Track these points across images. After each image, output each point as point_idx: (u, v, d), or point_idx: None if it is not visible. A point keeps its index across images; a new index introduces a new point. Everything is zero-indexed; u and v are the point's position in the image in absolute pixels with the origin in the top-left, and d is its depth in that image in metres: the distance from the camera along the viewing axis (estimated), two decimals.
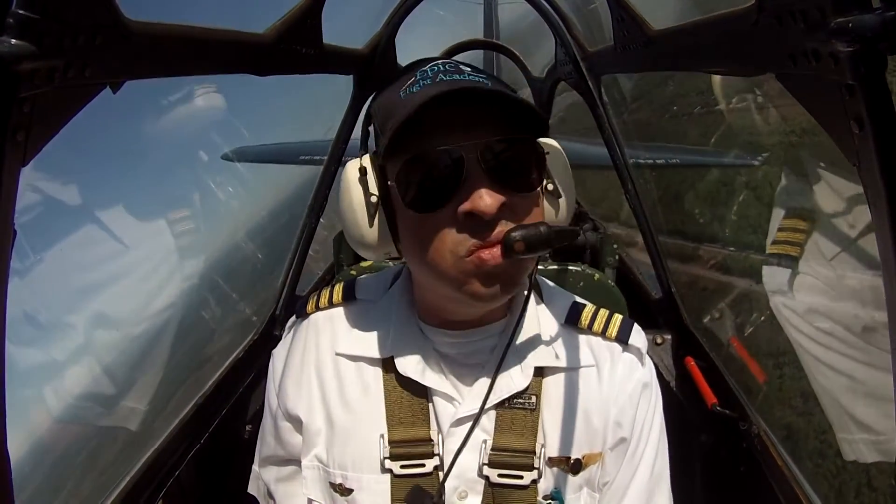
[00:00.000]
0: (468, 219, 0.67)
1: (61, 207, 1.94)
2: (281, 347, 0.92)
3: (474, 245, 0.67)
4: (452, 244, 0.68)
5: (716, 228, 3.56)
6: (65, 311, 1.99)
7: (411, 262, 0.78)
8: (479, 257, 0.67)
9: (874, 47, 0.49)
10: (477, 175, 0.67)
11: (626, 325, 0.85)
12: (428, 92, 0.68)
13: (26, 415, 1.90)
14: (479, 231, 0.67)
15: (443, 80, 0.70)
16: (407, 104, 0.68)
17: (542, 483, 0.78)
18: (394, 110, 0.70)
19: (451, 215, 0.68)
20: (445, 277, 0.70)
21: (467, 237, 0.67)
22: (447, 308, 0.79)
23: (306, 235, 1.67)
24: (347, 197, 0.76)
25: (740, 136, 3.55)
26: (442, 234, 0.68)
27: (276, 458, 0.92)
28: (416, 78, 0.71)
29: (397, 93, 0.72)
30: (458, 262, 0.68)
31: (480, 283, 0.69)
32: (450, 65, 0.73)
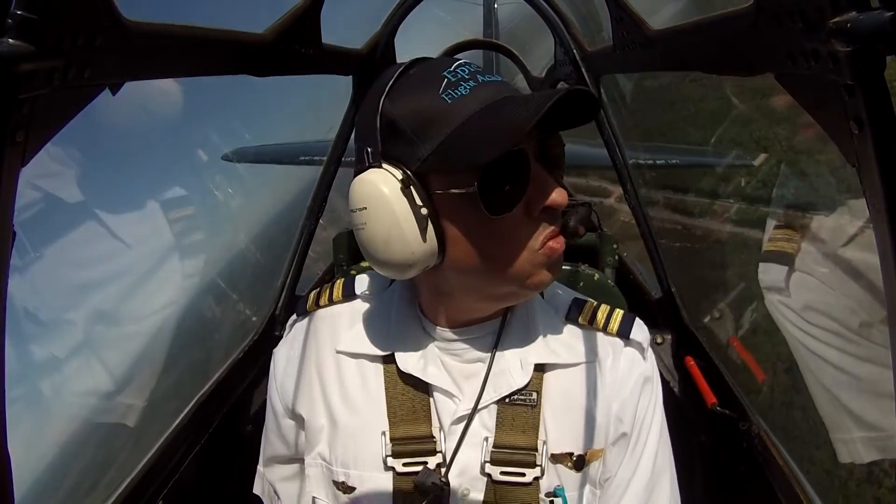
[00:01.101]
0: (542, 213, 0.71)
1: (60, 207, 1.94)
2: (282, 346, 0.92)
3: (547, 236, 0.71)
4: (529, 239, 0.71)
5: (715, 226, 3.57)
6: (64, 311, 1.99)
7: (463, 269, 0.74)
8: (550, 247, 0.72)
9: (873, 47, 0.49)
10: (538, 170, 0.70)
11: (628, 320, 0.85)
12: (484, 95, 0.69)
13: (26, 415, 1.90)
14: (550, 223, 0.72)
15: (484, 81, 0.71)
16: (464, 109, 0.67)
17: (544, 480, 0.78)
18: (443, 115, 0.67)
19: (522, 212, 0.70)
20: (515, 274, 0.72)
21: (541, 231, 0.71)
22: (476, 307, 0.80)
23: (306, 236, 1.67)
24: (387, 212, 0.69)
25: (742, 136, 3.57)
26: (518, 231, 0.71)
27: (279, 458, 0.93)
28: (451, 80, 0.69)
29: (435, 96, 0.68)
30: (533, 255, 0.71)
31: (546, 271, 0.73)
32: (472, 66, 0.73)
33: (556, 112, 0.66)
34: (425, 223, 0.69)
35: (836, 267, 1.63)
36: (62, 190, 1.96)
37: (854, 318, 1.59)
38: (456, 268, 0.74)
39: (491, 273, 0.73)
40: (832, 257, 1.64)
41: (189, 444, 1.24)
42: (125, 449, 1.24)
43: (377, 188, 0.69)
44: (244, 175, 3.18)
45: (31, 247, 1.85)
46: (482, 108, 0.68)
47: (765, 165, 3.04)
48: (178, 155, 2.36)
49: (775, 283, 1.74)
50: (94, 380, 2.03)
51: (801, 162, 2.11)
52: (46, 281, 1.91)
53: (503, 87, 0.71)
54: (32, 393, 1.93)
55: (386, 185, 0.69)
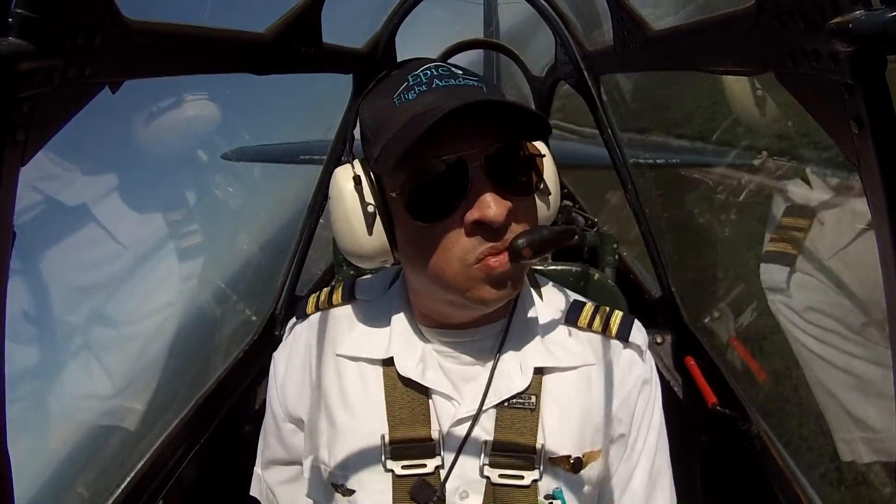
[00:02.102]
0: (475, 226, 0.67)
1: (59, 207, 1.94)
2: (282, 349, 0.92)
3: (483, 252, 0.68)
4: (461, 252, 0.68)
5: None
6: (63, 312, 1.99)
7: (411, 271, 0.77)
8: (487, 264, 0.68)
9: (874, 47, 0.49)
10: (481, 182, 0.67)
11: (627, 322, 0.85)
12: (427, 101, 0.67)
13: (26, 415, 1.90)
14: (487, 238, 0.68)
15: (439, 85, 0.69)
16: (404, 114, 0.67)
17: (543, 482, 0.78)
18: (389, 119, 0.69)
19: (457, 224, 0.68)
20: (451, 285, 0.70)
21: (475, 245, 0.68)
22: (445, 312, 0.79)
23: (306, 235, 1.67)
24: (341, 206, 0.74)
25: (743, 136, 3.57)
26: (449, 242, 0.68)
27: (278, 460, 0.92)
28: (409, 83, 0.70)
29: (390, 99, 0.70)
30: (466, 269, 0.69)
31: (486, 288, 0.70)
32: (442, 68, 0.72)
33: (512, 120, 0.67)
34: (372, 220, 0.73)
35: (837, 268, 1.63)
36: (61, 189, 1.96)
37: (855, 318, 1.59)
38: (409, 269, 0.78)
39: (430, 279, 0.72)
40: (833, 258, 1.64)
41: (189, 444, 1.24)
42: (125, 449, 1.24)
43: (337, 183, 0.75)
44: (244, 174, 3.18)
45: (29, 247, 1.85)
46: (417, 114, 0.67)
47: (766, 164, 3.04)
48: (177, 154, 2.36)
49: (777, 284, 1.74)
50: (95, 379, 2.04)
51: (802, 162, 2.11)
52: (43, 282, 1.91)
53: (465, 92, 0.68)
54: (32, 393, 1.93)
55: (343, 182, 0.74)
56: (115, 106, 0.62)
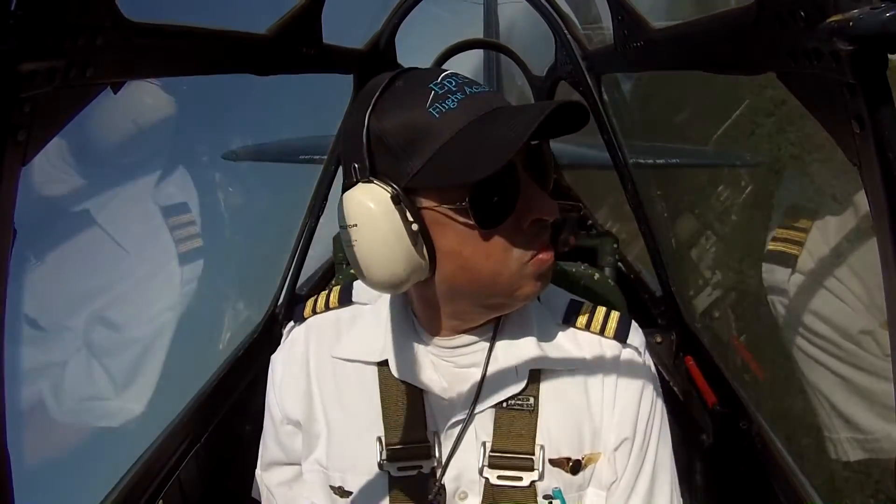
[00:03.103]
0: (531, 225, 0.69)
1: (58, 207, 1.95)
2: (279, 352, 0.92)
3: (539, 247, 0.70)
4: (519, 252, 0.70)
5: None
6: (63, 312, 1.99)
7: (453, 283, 0.73)
8: (540, 259, 0.71)
9: (875, 46, 0.49)
10: (527, 181, 0.69)
11: (624, 324, 0.85)
12: (476, 107, 0.67)
13: (26, 414, 1.90)
14: (540, 235, 0.71)
15: (472, 92, 0.69)
16: (454, 122, 0.66)
17: (542, 483, 0.78)
18: (432, 129, 0.66)
19: (513, 225, 0.69)
20: (505, 285, 0.72)
21: (531, 243, 0.70)
22: (469, 318, 0.79)
23: (306, 234, 1.67)
24: (377, 231, 0.67)
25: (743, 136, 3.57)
26: (508, 244, 0.69)
27: (277, 462, 0.93)
28: (438, 92, 0.67)
29: (421, 110, 0.67)
30: (522, 267, 0.70)
31: (535, 282, 0.72)
32: (461, 76, 0.71)
33: (546, 122, 0.65)
34: (416, 239, 0.68)
35: (838, 271, 1.63)
36: (61, 189, 1.96)
37: (852, 325, 1.60)
38: (446, 281, 0.73)
39: (480, 286, 0.72)
40: (834, 262, 1.64)
41: (189, 443, 1.24)
42: (125, 448, 1.24)
43: (366, 205, 0.67)
44: (244, 173, 3.18)
45: (29, 247, 1.86)
46: (471, 121, 0.66)
47: (767, 165, 3.05)
48: (178, 153, 2.36)
49: (777, 284, 1.74)
50: (95, 379, 2.04)
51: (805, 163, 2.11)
52: (44, 283, 1.91)
53: (492, 99, 0.69)
54: (32, 393, 1.93)
55: (375, 202, 0.67)
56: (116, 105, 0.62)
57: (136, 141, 2.09)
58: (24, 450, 1.72)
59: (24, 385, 1.91)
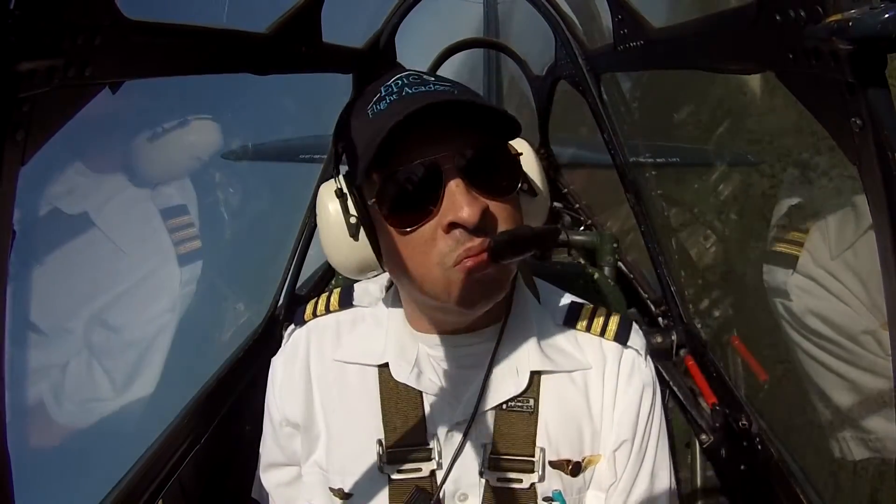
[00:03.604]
0: (452, 229, 0.67)
1: (58, 206, 1.95)
2: (280, 355, 0.92)
3: (460, 254, 0.67)
4: (439, 256, 0.67)
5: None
6: (63, 313, 1.99)
7: (396, 278, 0.78)
8: (466, 266, 0.67)
9: (875, 45, 0.49)
10: (455, 184, 0.66)
11: (625, 326, 0.85)
12: (395, 109, 0.67)
13: (26, 415, 1.90)
14: (464, 240, 0.66)
15: (408, 93, 0.68)
16: (375, 124, 0.67)
17: (542, 485, 0.78)
18: (362, 130, 0.70)
19: (433, 227, 0.67)
20: (434, 289, 0.70)
21: (453, 247, 0.67)
22: (435, 317, 0.79)
23: (306, 235, 1.66)
24: (325, 220, 0.76)
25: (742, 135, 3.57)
26: (427, 247, 0.68)
27: (277, 464, 0.93)
28: (382, 94, 0.70)
29: (364, 112, 0.71)
30: (446, 272, 0.68)
31: (468, 291, 0.68)
32: (413, 76, 0.71)
33: (486, 122, 0.67)
34: (356, 231, 0.74)
35: (838, 272, 1.63)
36: (61, 189, 1.96)
37: (853, 324, 1.60)
38: (393, 277, 0.78)
39: (415, 286, 0.72)
40: (834, 263, 1.64)
41: (189, 444, 1.24)
42: (125, 448, 1.24)
43: (320, 199, 0.77)
44: (244, 173, 3.18)
45: (29, 247, 1.86)
46: (379, 124, 0.66)
47: (769, 165, 3.04)
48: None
49: (778, 285, 1.74)
50: (94, 380, 2.04)
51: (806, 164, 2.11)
52: (43, 284, 1.91)
53: (429, 97, 0.66)
54: (31, 393, 1.93)
55: (327, 195, 0.76)
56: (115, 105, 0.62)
57: (136, 141, 2.09)
58: (25, 450, 1.72)
59: (24, 385, 1.91)
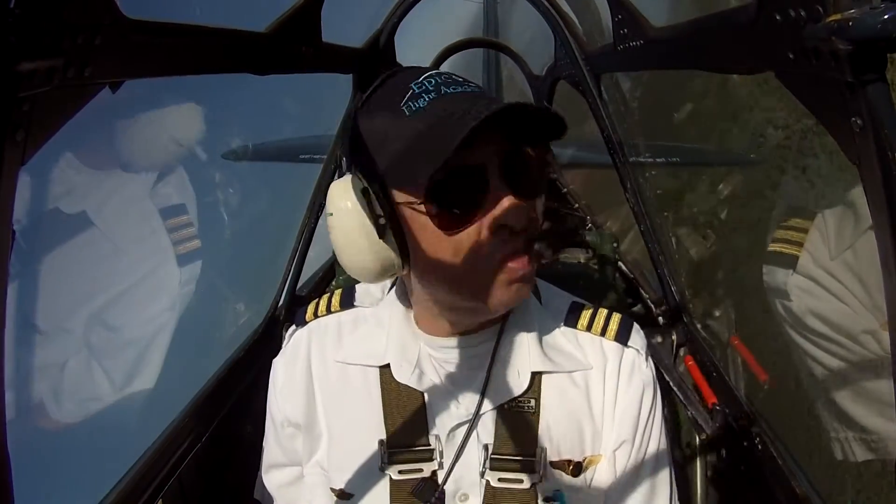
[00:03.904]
0: (497, 230, 0.68)
1: (58, 206, 1.95)
2: (281, 356, 0.92)
3: (506, 255, 0.68)
4: (484, 257, 0.69)
5: None
6: (63, 313, 1.99)
7: (427, 281, 0.75)
8: (510, 267, 0.69)
9: (875, 45, 0.49)
10: (499, 186, 0.68)
11: (626, 326, 0.85)
12: (443, 108, 0.66)
13: (26, 415, 1.90)
14: (508, 241, 0.68)
15: (448, 92, 0.68)
16: (418, 122, 0.66)
17: (543, 485, 0.78)
18: (399, 128, 0.68)
19: (479, 229, 0.68)
20: (473, 290, 0.71)
21: (498, 247, 0.68)
22: (449, 318, 0.79)
23: (306, 234, 1.66)
24: (346, 221, 0.71)
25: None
26: (472, 248, 0.68)
27: (278, 464, 0.93)
28: (415, 91, 0.68)
29: (395, 109, 0.68)
30: (489, 273, 0.69)
31: (508, 290, 0.70)
32: (445, 75, 0.71)
33: (526, 124, 0.67)
34: (384, 232, 0.70)
35: (837, 271, 1.63)
36: (61, 189, 1.96)
37: (853, 324, 1.60)
38: (421, 278, 0.75)
39: (450, 287, 0.72)
40: (833, 263, 1.64)
41: (189, 443, 1.24)
42: (125, 448, 1.24)
43: (340, 197, 0.71)
44: (244, 173, 3.18)
45: (29, 246, 1.85)
46: (433, 122, 0.66)
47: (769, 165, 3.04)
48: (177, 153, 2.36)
49: (778, 285, 1.74)
50: (94, 379, 2.04)
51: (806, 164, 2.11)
52: (43, 284, 1.91)
53: (465, 100, 0.67)
54: (31, 393, 1.93)
55: (347, 195, 0.71)
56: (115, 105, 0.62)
57: (135, 141, 2.09)
58: (25, 450, 1.72)
59: (24, 385, 1.91)
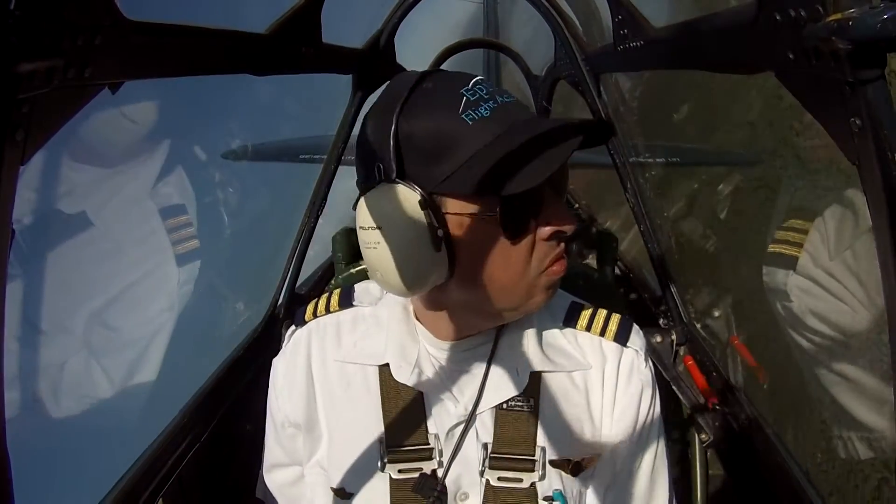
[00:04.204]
0: (553, 237, 0.71)
1: (58, 206, 1.95)
2: (281, 356, 0.92)
3: (553, 259, 0.72)
4: (537, 262, 0.72)
5: None
6: (62, 312, 1.99)
7: (468, 287, 0.73)
8: (553, 270, 0.73)
9: (875, 45, 0.49)
10: (549, 194, 0.71)
11: (625, 326, 0.85)
12: (508, 117, 0.68)
13: (25, 413, 1.90)
14: (557, 246, 0.72)
15: (503, 101, 0.70)
16: (485, 131, 0.66)
17: (542, 484, 0.78)
18: (463, 136, 0.66)
19: (534, 236, 0.71)
20: (519, 293, 0.73)
21: (547, 253, 0.72)
22: (472, 321, 0.79)
23: (306, 234, 1.66)
24: (404, 233, 0.67)
25: None
26: (528, 254, 0.71)
27: (280, 464, 0.94)
28: (470, 98, 0.67)
29: (453, 116, 0.66)
30: (537, 278, 0.72)
31: (546, 293, 0.74)
32: (489, 83, 0.71)
33: None
34: (440, 245, 0.67)
35: (837, 272, 1.64)
36: (61, 189, 1.96)
37: (854, 324, 1.60)
38: (461, 287, 0.73)
39: (494, 293, 0.73)
40: (833, 262, 1.64)
41: (189, 443, 1.24)
42: (125, 448, 1.24)
43: (393, 207, 0.66)
44: (244, 173, 3.18)
45: (28, 246, 1.85)
46: (504, 131, 0.66)
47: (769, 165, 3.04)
48: (177, 153, 2.36)
49: (778, 286, 1.74)
50: (94, 379, 2.04)
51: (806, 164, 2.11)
52: (43, 284, 1.91)
53: (521, 110, 0.71)
54: (30, 392, 1.93)
55: (403, 205, 0.66)
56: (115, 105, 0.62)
57: (136, 141, 2.09)
58: (25, 450, 1.72)
59: (24, 385, 1.91)
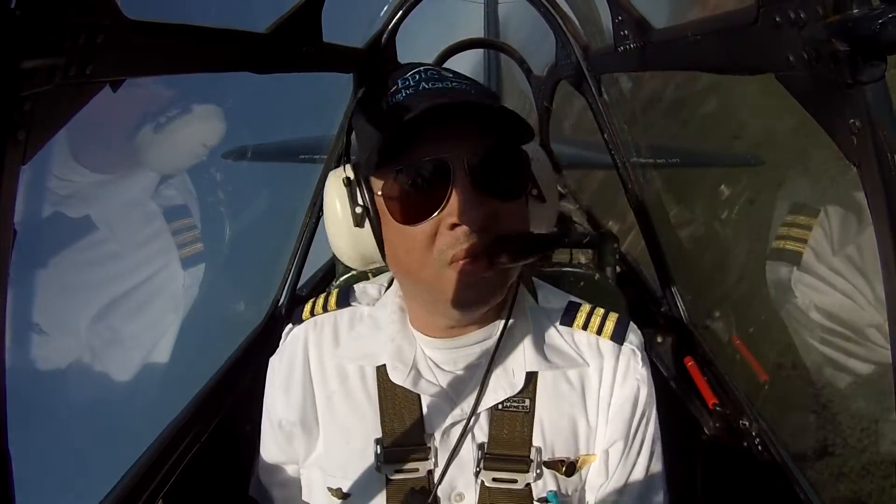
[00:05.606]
0: (455, 227, 0.67)
1: (59, 206, 1.94)
2: (278, 355, 0.92)
3: (458, 254, 0.67)
4: (437, 252, 0.68)
5: None
6: (63, 311, 1.99)
7: (396, 272, 0.78)
8: (463, 267, 0.67)
9: (874, 46, 0.49)
10: (463, 184, 0.67)
11: (622, 325, 0.85)
12: (411, 103, 0.67)
13: (26, 413, 1.90)
14: (464, 240, 0.67)
15: (426, 88, 0.69)
16: (391, 116, 0.68)
17: (537, 485, 0.79)
18: (377, 122, 0.70)
19: (436, 224, 0.68)
20: (429, 286, 0.71)
21: (451, 245, 0.67)
22: (433, 316, 0.79)
23: (307, 234, 1.67)
24: (332, 208, 0.76)
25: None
26: (428, 244, 0.68)
27: (276, 463, 0.93)
28: (398, 86, 0.70)
29: (379, 103, 0.71)
30: (442, 270, 0.69)
31: (462, 291, 0.69)
32: (431, 71, 0.72)
33: (499, 124, 0.67)
34: (361, 221, 0.74)
35: (842, 268, 1.64)
36: (61, 189, 1.96)
37: (859, 320, 1.60)
38: (394, 269, 0.78)
39: (414, 280, 0.74)
40: (837, 258, 1.65)
41: (189, 442, 1.24)
42: (125, 447, 1.24)
43: (329, 186, 0.77)
44: (244, 173, 3.18)
45: (29, 246, 1.85)
46: (403, 115, 0.67)
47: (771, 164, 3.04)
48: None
49: (781, 282, 1.74)
50: (97, 377, 2.04)
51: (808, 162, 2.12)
52: (42, 283, 1.91)
53: (447, 95, 0.68)
54: (32, 391, 1.93)
55: (334, 184, 0.76)
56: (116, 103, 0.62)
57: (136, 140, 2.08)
58: (24, 450, 1.72)
59: (25, 385, 1.91)
